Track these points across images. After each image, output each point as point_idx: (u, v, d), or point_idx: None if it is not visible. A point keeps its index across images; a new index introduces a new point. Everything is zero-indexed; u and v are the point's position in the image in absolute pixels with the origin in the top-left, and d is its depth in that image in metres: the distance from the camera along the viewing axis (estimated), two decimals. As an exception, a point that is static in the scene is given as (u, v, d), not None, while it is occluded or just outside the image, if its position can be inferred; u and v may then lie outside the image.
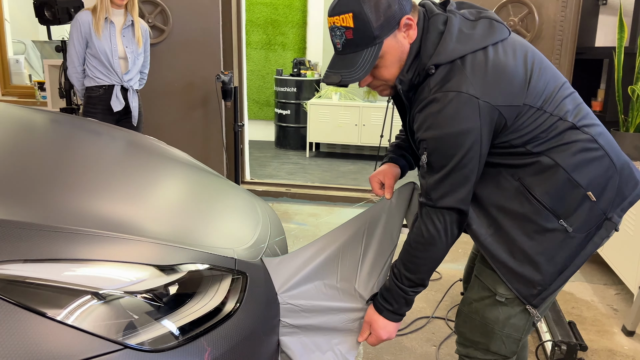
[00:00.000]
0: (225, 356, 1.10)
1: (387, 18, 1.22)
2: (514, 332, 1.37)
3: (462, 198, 1.27)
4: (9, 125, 1.83)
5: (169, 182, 1.77)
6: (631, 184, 1.34)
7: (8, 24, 5.18)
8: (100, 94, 3.11)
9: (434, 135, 1.24)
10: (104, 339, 0.94)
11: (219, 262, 1.27)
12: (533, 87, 1.26)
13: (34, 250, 0.99)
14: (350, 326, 1.51)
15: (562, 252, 1.29)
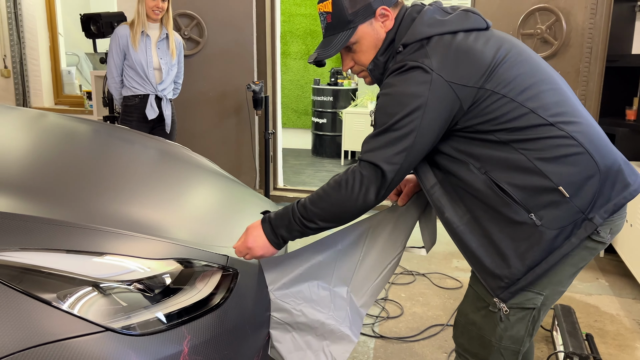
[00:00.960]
0: (204, 345, 1.19)
1: (363, 6, 1.36)
2: (512, 344, 1.36)
3: (387, 157, 1.27)
4: (54, 134, 2.01)
5: (187, 187, 1.88)
6: (620, 186, 1.31)
7: (62, 38, 5.55)
8: (136, 103, 3.31)
9: (384, 92, 1.32)
10: (90, 322, 1.04)
11: (210, 259, 1.36)
12: (499, 75, 1.27)
13: (53, 241, 1.12)
14: (340, 331, 1.53)
15: (532, 247, 1.28)
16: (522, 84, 1.29)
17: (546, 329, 2.62)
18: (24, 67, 5.39)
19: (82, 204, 1.37)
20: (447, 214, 1.36)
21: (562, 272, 1.33)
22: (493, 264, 1.31)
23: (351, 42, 1.39)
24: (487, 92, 1.27)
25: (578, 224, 1.28)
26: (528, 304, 1.33)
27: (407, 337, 2.55)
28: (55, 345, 0.99)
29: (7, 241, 1.06)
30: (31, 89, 5.43)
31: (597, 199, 1.28)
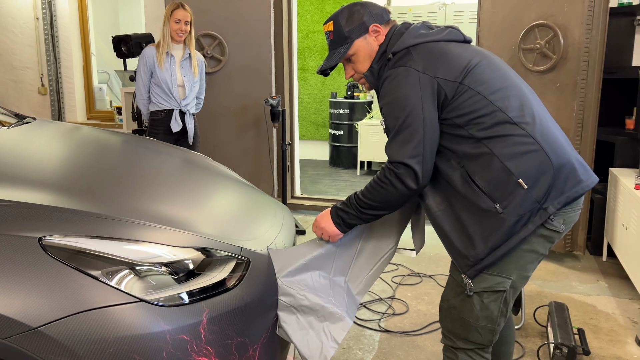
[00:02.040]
0: (220, 317, 1.42)
1: (357, 25, 1.66)
2: (488, 323, 1.58)
3: (409, 152, 1.51)
4: (90, 144, 2.29)
5: (209, 191, 2.12)
6: (572, 182, 1.51)
7: (94, 57, 5.92)
8: (162, 117, 3.60)
9: (385, 102, 1.59)
10: (127, 293, 1.29)
11: (227, 249, 1.60)
12: (475, 75, 1.53)
13: (98, 230, 1.37)
14: (338, 313, 1.74)
15: (494, 232, 1.49)
16: (493, 86, 1.54)
17: (542, 324, 2.78)
18: (60, 85, 5.77)
19: (118, 202, 1.62)
20: (428, 200, 1.62)
21: (524, 257, 1.53)
22: (462, 245, 1.54)
23: (349, 54, 1.68)
24: (465, 87, 1.52)
25: (534, 212, 1.48)
26: (498, 287, 1.54)
27: (410, 332, 2.74)
28: (99, 311, 1.24)
29: (62, 228, 1.32)
30: (66, 105, 5.81)
31: (551, 191, 1.48)
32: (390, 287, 3.29)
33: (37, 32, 5.68)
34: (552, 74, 3.52)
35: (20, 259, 1.23)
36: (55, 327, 1.19)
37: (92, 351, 1.21)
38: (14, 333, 1.17)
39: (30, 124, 2.34)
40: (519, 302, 2.77)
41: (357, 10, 1.68)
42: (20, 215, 1.32)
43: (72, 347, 1.20)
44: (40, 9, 5.58)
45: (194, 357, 1.34)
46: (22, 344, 1.17)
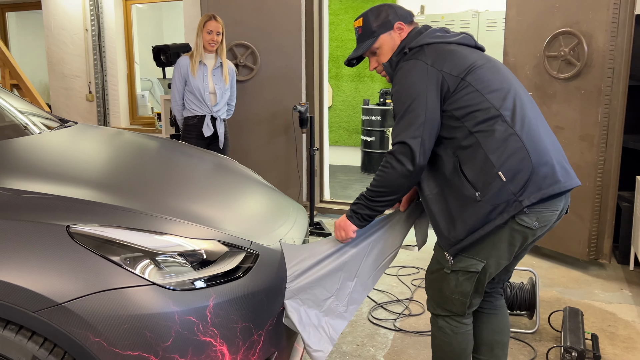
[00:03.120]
0: (226, 303, 1.56)
1: (383, 22, 1.89)
2: (461, 297, 1.82)
3: (410, 134, 1.69)
4: (126, 146, 2.50)
5: (231, 191, 2.27)
6: (549, 181, 1.66)
7: (137, 66, 6.25)
8: (194, 122, 3.82)
9: (395, 89, 1.79)
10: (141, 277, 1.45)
11: (237, 242, 1.74)
12: (477, 74, 1.73)
13: (120, 221, 1.54)
14: (338, 311, 1.90)
15: (472, 217, 1.68)
16: (491, 86, 1.73)
17: (557, 329, 2.80)
18: (105, 92, 6.13)
19: (146, 198, 1.79)
20: (423, 184, 1.83)
21: (497, 246, 1.72)
22: (445, 227, 1.76)
23: (374, 47, 1.90)
24: (466, 83, 1.72)
25: (510, 203, 1.65)
26: (471, 268, 1.76)
27: (424, 332, 2.81)
28: (116, 292, 1.40)
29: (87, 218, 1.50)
30: (110, 111, 6.16)
31: (528, 186, 1.64)
32: (409, 290, 3.36)
33: (86, 42, 6.06)
34: (576, 81, 3.52)
35: (50, 243, 1.41)
36: (78, 303, 1.36)
37: (109, 326, 1.37)
38: (42, 307, 1.34)
39: (71, 127, 2.56)
40: (534, 306, 2.80)
41: (385, 9, 1.92)
42: (51, 206, 1.51)
43: (92, 322, 1.36)
44: (89, 21, 5.96)
45: (200, 336, 1.48)
46: (49, 317, 1.34)
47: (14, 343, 1.38)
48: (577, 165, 3.56)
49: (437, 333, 1.94)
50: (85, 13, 5.97)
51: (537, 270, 3.66)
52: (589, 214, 3.56)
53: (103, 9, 5.91)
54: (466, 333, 1.91)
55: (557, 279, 3.53)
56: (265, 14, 4.66)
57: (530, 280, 2.89)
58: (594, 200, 3.54)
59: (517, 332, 2.77)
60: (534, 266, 3.75)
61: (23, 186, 1.59)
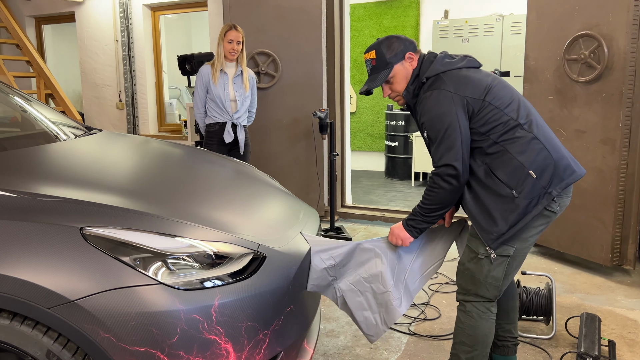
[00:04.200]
0: (231, 303, 1.62)
1: (396, 53, 2.10)
2: (494, 281, 2.03)
3: (453, 157, 1.95)
4: (154, 154, 2.60)
5: (248, 196, 2.33)
6: (569, 171, 1.97)
7: (165, 75, 6.44)
8: (216, 129, 3.92)
9: (427, 118, 2.02)
10: (149, 276, 1.52)
11: (244, 244, 1.81)
12: (493, 93, 1.99)
13: (132, 223, 1.62)
14: (393, 305, 2.08)
15: (512, 212, 1.93)
16: (506, 101, 2.01)
17: (574, 335, 2.77)
18: (135, 101, 6.33)
19: (165, 203, 1.87)
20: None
21: (527, 231, 1.98)
22: (486, 224, 1.98)
23: (390, 77, 2.11)
24: (487, 102, 1.98)
25: (542, 195, 1.94)
26: (504, 252, 2.00)
27: (438, 336, 2.82)
28: (125, 290, 1.48)
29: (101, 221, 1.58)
30: (140, 119, 6.35)
31: (553, 179, 1.94)
32: (426, 294, 3.37)
33: (117, 53, 6.27)
34: (597, 84, 3.47)
35: (64, 244, 1.50)
36: (89, 301, 1.44)
37: (117, 323, 1.45)
38: (56, 304, 1.43)
39: (95, 135, 2.69)
40: (550, 312, 2.78)
41: (395, 41, 2.12)
42: (67, 209, 1.60)
43: (102, 319, 1.44)
44: (119, 32, 6.17)
45: (204, 334, 1.55)
46: (62, 313, 1.43)
47: (30, 337, 1.47)
48: (599, 170, 3.51)
49: (463, 317, 2.11)
50: (115, 24, 6.19)
51: (559, 276, 3.61)
52: (611, 219, 3.50)
53: (132, 20, 6.11)
54: (491, 320, 2.10)
55: (578, 285, 3.48)
56: (286, 22, 4.75)
57: (547, 285, 2.86)
58: (617, 205, 3.48)
59: (534, 338, 2.75)
60: (556, 272, 3.70)
61: (44, 190, 1.69)
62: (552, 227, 3.83)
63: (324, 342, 2.79)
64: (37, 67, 5.95)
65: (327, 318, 3.05)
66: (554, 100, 3.75)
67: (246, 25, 4.70)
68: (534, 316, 2.85)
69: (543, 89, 3.80)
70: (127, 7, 6.09)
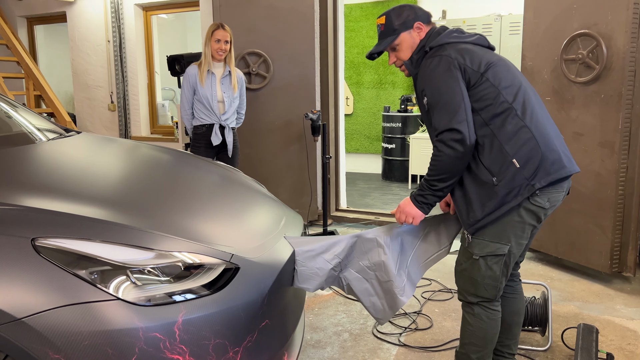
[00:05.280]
0: (197, 319, 1.51)
1: (404, 21, 2.07)
2: (492, 281, 1.99)
3: (456, 120, 1.85)
4: (138, 160, 2.49)
5: (230, 203, 2.22)
6: (557, 167, 1.88)
7: (158, 76, 6.33)
8: (203, 131, 3.81)
9: (426, 84, 1.95)
10: (105, 291, 1.41)
11: (217, 255, 1.69)
12: (494, 71, 1.92)
13: (91, 233, 1.51)
14: (395, 294, 2.06)
15: (490, 199, 1.88)
16: (505, 82, 1.93)
17: (571, 347, 2.65)
18: (127, 102, 6.22)
19: (134, 210, 1.76)
20: None
21: (516, 227, 1.92)
22: (464, 209, 1.95)
23: (395, 44, 2.08)
24: (485, 78, 1.91)
25: (523, 187, 1.86)
26: (499, 251, 1.95)
27: (429, 347, 2.70)
28: (78, 307, 1.37)
29: (55, 231, 1.47)
30: (131, 120, 6.25)
31: (538, 171, 1.86)
32: (418, 302, 3.25)
33: (108, 53, 6.17)
34: (595, 85, 3.36)
35: (14, 256, 1.39)
36: (38, 319, 1.33)
37: (69, 343, 1.34)
38: (1, 322, 1.32)
39: (72, 137, 2.58)
40: (546, 322, 2.66)
41: (407, 9, 2.09)
42: (18, 217, 1.49)
43: (52, 338, 1.33)
44: (111, 32, 6.07)
45: (166, 354, 1.43)
46: (8, 332, 1.32)
47: (-24, 358, 1.36)
48: (597, 173, 3.39)
49: (472, 320, 2.07)
50: (107, 24, 6.08)
51: (556, 284, 3.49)
52: (610, 224, 3.37)
53: (124, 20, 6.01)
54: (498, 319, 2.08)
55: (576, 293, 3.36)
56: (278, 21, 4.64)
57: (543, 294, 2.74)
58: (616, 210, 3.36)
59: (528, 350, 2.63)
60: (554, 279, 3.58)
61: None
62: (549, 233, 3.72)
63: (310, 353, 2.67)
64: (26, 68, 5.85)
65: (314, 328, 2.94)
66: (551, 101, 3.63)
67: (237, 25, 4.59)
68: (529, 327, 2.73)
69: (540, 90, 3.68)
70: (119, 6, 5.99)
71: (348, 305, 3.18)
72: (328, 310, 3.14)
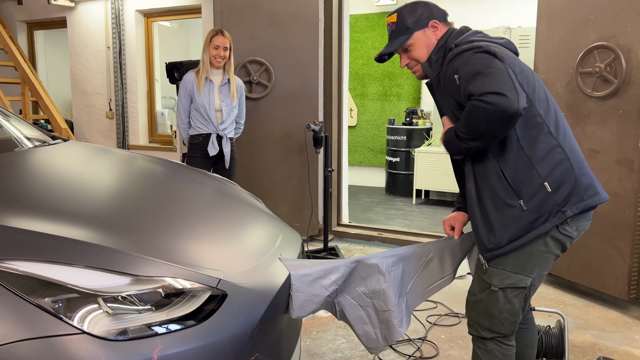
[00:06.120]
0: (176, 356, 1.32)
1: (418, 19, 1.84)
2: (510, 316, 1.77)
3: (502, 86, 1.49)
4: (130, 173, 2.32)
5: (221, 220, 2.04)
6: (591, 192, 1.68)
7: (158, 83, 6.19)
8: (200, 141, 3.64)
9: (461, 66, 1.62)
10: (70, 324, 1.23)
11: (201, 280, 1.51)
12: (526, 77, 1.66)
13: (57, 255, 1.34)
14: (394, 324, 1.90)
15: (514, 225, 1.66)
16: (538, 94, 1.69)
17: (589, 383, 2.44)
18: (125, 110, 6.07)
19: (118, 230, 1.59)
20: (468, 184, 1.78)
21: (542, 257, 1.71)
22: (484, 231, 1.72)
23: (408, 44, 1.86)
24: (519, 81, 1.61)
25: (553, 213, 1.65)
26: (520, 284, 1.73)
27: (435, 379, 2.50)
28: (37, 342, 1.18)
29: (14, 252, 1.29)
30: (130, 128, 6.09)
31: (571, 196, 1.65)
32: (423, 327, 3.05)
33: (108, 60, 6.04)
34: (613, 100, 3.18)
35: (-37, 282, 1.21)
36: (-13, 356, 1.15)
37: (23, 384, 1.15)
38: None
39: (57, 145, 2.41)
40: (562, 354, 2.46)
41: (420, 6, 1.87)
42: (-27, 237, 1.31)
43: (3, 378, 1.15)
44: (111, 39, 5.94)
45: (138, 397, 1.25)
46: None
47: None
48: (614, 193, 3.20)
49: (484, 356, 1.86)
50: (107, 30, 5.96)
51: (570, 310, 3.29)
52: (628, 248, 3.18)
53: (124, 27, 5.88)
54: (513, 355, 1.88)
55: (592, 320, 3.15)
56: (280, 29, 4.49)
57: (558, 323, 2.54)
58: (635, 232, 3.16)
59: (542, 384, 2.43)
60: (567, 304, 3.38)
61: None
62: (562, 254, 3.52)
63: (306, 383, 2.48)
64: (23, 73, 5.71)
65: (312, 354, 2.74)
66: (565, 116, 3.42)
67: (238, 32, 4.45)
68: (543, 358, 2.53)
69: (554, 104, 3.50)
70: (120, 12, 5.86)
71: (348, 330, 2.98)
72: (327, 335, 2.94)
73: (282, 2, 4.45)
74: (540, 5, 3.63)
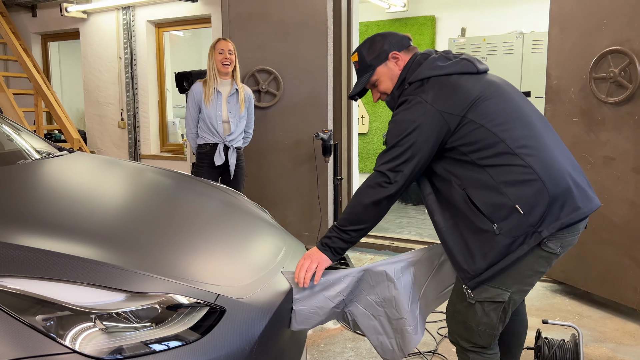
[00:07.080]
0: (170, 375, 1.29)
1: (377, 54, 1.86)
2: (488, 329, 1.76)
3: (393, 167, 1.70)
4: (123, 181, 2.31)
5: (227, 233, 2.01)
6: (568, 209, 1.63)
7: (169, 93, 6.22)
8: (207, 151, 3.63)
9: (392, 120, 1.77)
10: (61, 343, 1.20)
11: (199, 296, 1.48)
12: (481, 108, 1.67)
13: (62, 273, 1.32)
14: (409, 332, 1.87)
15: (492, 250, 1.64)
16: (498, 118, 1.67)
17: (605, 399, 2.35)
18: (137, 120, 6.11)
19: (115, 244, 1.57)
20: (436, 217, 1.78)
21: (523, 274, 1.69)
22: (463, 260, 1.70)
23: (373, 80, 1.88)
24: (467, 119, 1.67)
25: (529, 235, 1.62)
26: (498, 298, 1.71)
27: (445, 394, 2.43)
28: (28, 361, 1.16)
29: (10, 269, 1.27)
30: (141, 138, 6.12)
31: (546, 217, 1.62)
32: (434, 340, 2.98)
33: (120, 70, 6.08)
34: (628, 106, 3.10)
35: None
36: (-25, 376, 1.12)
37: (11, 406, 1.13)
38: None
39: (62, 157, 2.40)
40: (577, 369, 2.38)
41: (378, 40, 1.88)
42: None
43: (-9, 400, 1.12)
44: (122, 49, 5.99)
45: (129, 419, 1.22)
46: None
47: None
48: (631, 202, 3.11)
49: None
50: (119, 41, 6.01)
51: (586, 321, 3.20)
52: (646, 258, 3.08)
53: (136, 37, 5.93)
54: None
55: (609, 333, 3.06)
56: (289, 38, 4.47)
57: (573, 337, 2.46)
58: (653, 242, 3.07)
59: (557, 400, 2.34)
60: (583, 316, 3.28)
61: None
62: (577, 264, 3.43)
63: (312, 398, 2.43)
64: (36, 85, 5.78)
65: (319, 367, 2.69)
66: (578, 123, 3.38)
67: (247, 42, 4.44)
68: (557, 373, 2.44)
69: (566, 111, 3.43)
70: (131, 23, 5.91)
71: (357, 342, 2.93)
72: (335, 347, 2.89)
73: (290, 12, 4.44)
74: (552, 10, 3.56)
